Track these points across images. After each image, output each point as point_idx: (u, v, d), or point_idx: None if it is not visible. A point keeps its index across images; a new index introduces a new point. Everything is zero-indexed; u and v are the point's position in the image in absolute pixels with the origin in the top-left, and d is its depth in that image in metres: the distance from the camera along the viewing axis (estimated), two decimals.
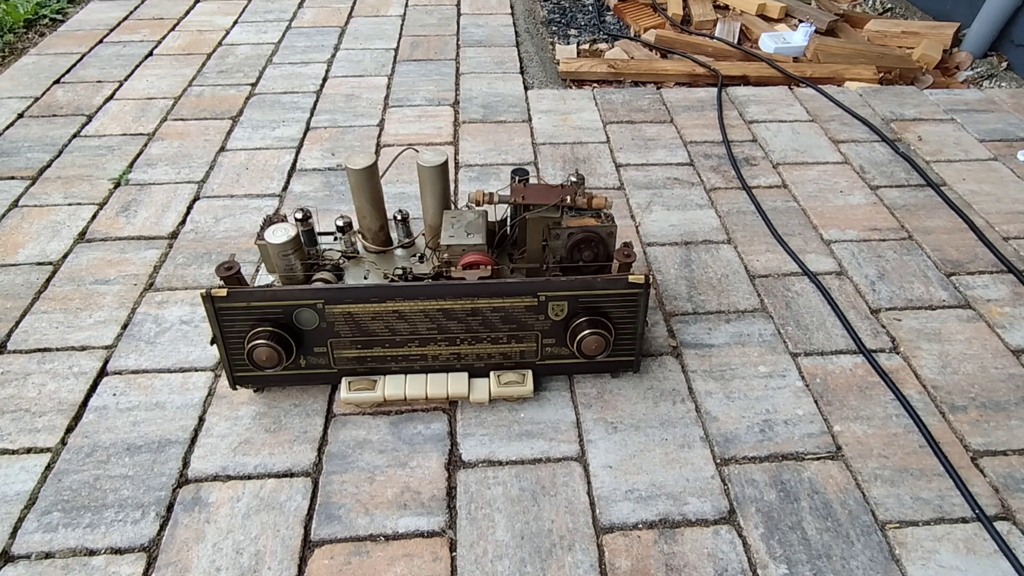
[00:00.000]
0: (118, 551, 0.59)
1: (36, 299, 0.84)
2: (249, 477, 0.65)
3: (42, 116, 1.23)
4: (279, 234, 0.64)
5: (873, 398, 0.73)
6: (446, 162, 0.70)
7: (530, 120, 1.22)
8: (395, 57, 1.44)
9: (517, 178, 0.69)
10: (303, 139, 1.16)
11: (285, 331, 0.65)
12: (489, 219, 0.72)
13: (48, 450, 0.67)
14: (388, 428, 0.69)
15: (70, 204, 1.01)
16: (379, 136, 1.17)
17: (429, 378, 0.70)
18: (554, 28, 1.63)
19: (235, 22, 1.61)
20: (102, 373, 0.75)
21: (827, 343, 0.79)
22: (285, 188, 1.04)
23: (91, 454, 0.67)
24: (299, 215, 0.67)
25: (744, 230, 0.97)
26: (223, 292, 0.63)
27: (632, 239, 0.95)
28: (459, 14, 1.66)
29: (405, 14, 1.65)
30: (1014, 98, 1.32)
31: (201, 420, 0.70)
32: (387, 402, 0.70)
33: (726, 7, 1.71)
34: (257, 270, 0.88)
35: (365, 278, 0.69)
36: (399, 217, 0.72)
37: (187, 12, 1.66)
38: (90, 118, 1.22)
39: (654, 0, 1.73)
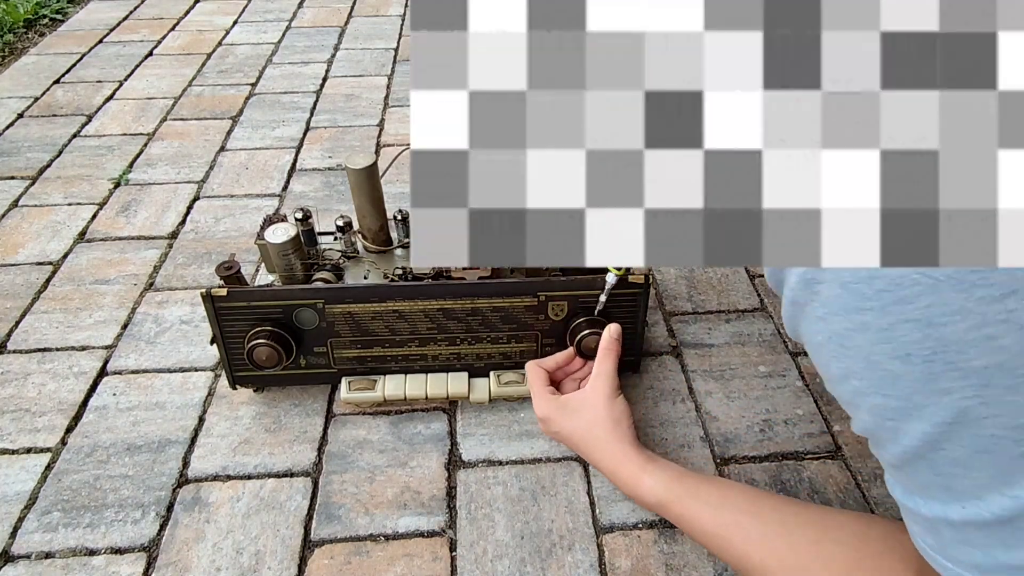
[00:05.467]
0: (118, 551, 0.59)
1: (36, 299, 0.84)
2: (249, 477, 0.65)
3: (42, 116, 1.23)
4: (279, 234, 0.64)
5: None
6: None
7: None
8: (395, 57, 1.44)
9: None
10: (303, 139, 1.16)
11: (285, 331, 0.65)
12: None
13: (48, 450, 0.67)
14: (388, 428, 0.69)
15: (70, 204, 1.01)
16: (379, 136, 1.17)
17: (429, 378, 0.70)
18: None
19: (235, 22, 1.61)
20: (102, 373, 0.75)
21: None
22: (285, 188, 1.04)
23: (91, 454, 0.67)
24: (299, 215, 0.67)
25: None
26: (223, 292, 0.63)
27: None
28: None
29: (405, 14, 1.65)
30: None
31: (201, 420, 0.70)
32: (387, 402, 0.70)
33: None
34: (257, 270, 0.88)
35: (365, 278, 0.69)
36: (399, 217, 0.72)
37: (187, 12, 1.66)
38: (90, 118, 1.22)
39: None
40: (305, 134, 1.18)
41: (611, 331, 0.64)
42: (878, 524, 0.47)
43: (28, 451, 0.67)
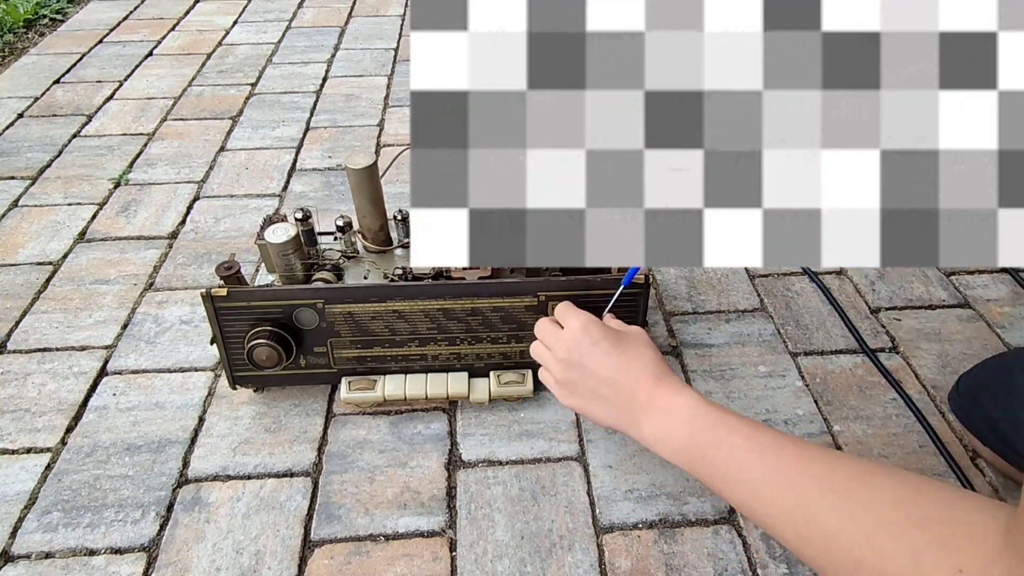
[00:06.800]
0: (118, 551, 0.59)
1: (36, 299, 0.84)
2: (249, 477, 0.65)
3: (42, 116, 1.23)
4: (279, 234, 0.64)
5: (873, 398, 0.73)
6: None
7: None
8: (395, 57, 1.44)
9: None
10: (303, 139, 1.16)
11: (285, 331, 0.65)
12: None
13: (48, 450, 0.67)
14: (388, 428, 0.69)
15: (70, 204, 1.01)
16: (379, 136, 1.17)
17: (429, 378, 0.70)
18: None
19: (235, 22, 1.61)
20: (102, 373, 0.75)
21: (827, 343, 0.79)
22: (285, 188, 1.04)
23: (91, 454, 0.67)
24: (299, 215, 0.67)
25: None
26: (223, 292, 0.63)
27: None
28: None
29: (405, 14, 1.65)
30: None
31: (201, 420, 0.70)
32: (387, 402, 0.70)
33: None
34: (257, 270, 0.88)
35: (365, 278, 0.69)
36: (399, 217, 0.72)
37: (187, 12, 1.66)
38: (90, 118, 1.22)
39: None
40: (305, 134, 1.18)
41: None
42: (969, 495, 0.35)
43: (28, 451, 0.67)
